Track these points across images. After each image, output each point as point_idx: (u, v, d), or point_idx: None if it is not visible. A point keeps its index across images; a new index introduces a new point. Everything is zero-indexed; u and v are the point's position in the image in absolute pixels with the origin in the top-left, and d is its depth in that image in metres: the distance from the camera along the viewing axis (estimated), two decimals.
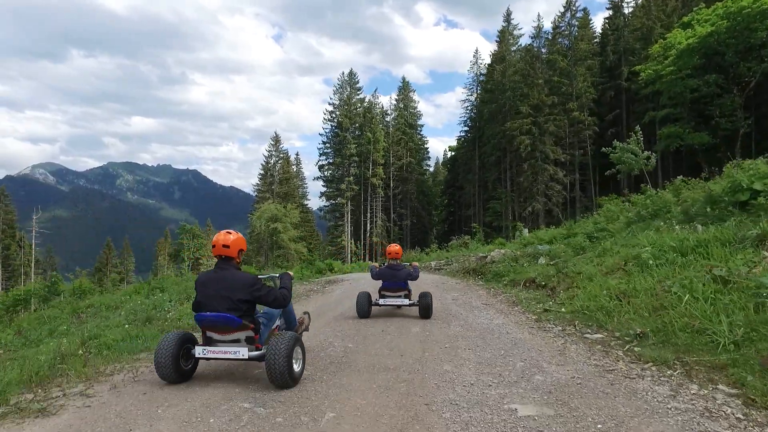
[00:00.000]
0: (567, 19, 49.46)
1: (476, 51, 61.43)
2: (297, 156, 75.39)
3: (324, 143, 60.62)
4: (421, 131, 68.99)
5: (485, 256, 14.19)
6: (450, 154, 75.17)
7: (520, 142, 45.22)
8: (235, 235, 4.19)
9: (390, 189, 61.91)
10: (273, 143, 66.21)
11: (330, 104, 60.58)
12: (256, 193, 65.40)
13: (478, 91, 59.49)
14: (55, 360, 4.66)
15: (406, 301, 7.49)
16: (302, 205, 64.70)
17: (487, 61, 58.76)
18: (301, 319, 5.16)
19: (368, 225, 58.95)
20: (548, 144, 45.38)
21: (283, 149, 66.75)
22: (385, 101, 73.79)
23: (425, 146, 69.11)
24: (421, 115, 68.98)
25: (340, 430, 3.02)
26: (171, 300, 8.43)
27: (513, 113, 47.61)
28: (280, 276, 4.77)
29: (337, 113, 59.05)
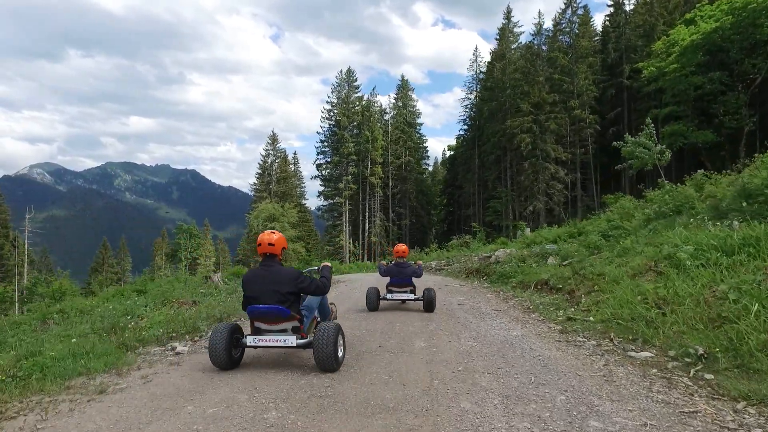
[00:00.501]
0: (568, 16, 48.87)
1: (476, 49, 60.79)
2: (295, 155, 75.13)
3: (322, 142, 59.83)
4: (420, 130, 68.33)
5: (489, 256, 13.51)
6: (449, 154, 74.59)
7: (521, 141, 44.58)
8: (278, 235, 4.61)
9: (389, 188, 61.21)
10: (270, 142, 65.53)
11: (328, 102, 59.91)
12: (253, 193, 64.73)
13: (478, 89, 58.83)
14: None
15: (412, 296, 8.21)
16: (300, 205, 64.02)
17: (486, 59, 58.23)
18: (332, 309, 5.58)
19: (367, 225, 58.26)
20: (549, 142, 44.74)
21: (281, 148, 66.11)
22: (384, 101, 73.00)
23: (424, 145, 68.28)
24: (420, 114, 68.28)
25: None
26: (147, 305, 7.74)
27: (513, 111, 46.96)
28: (319, 267, 5.17)
29: (335, 111, 58.26)
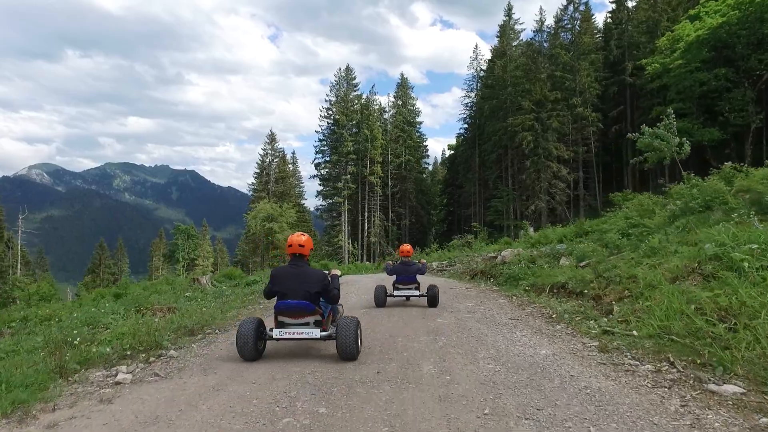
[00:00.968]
0: (570, 12, 48.21)
1: (476, 46, 60.19)
2: (293, 155, 74.29)
3: (320, 141, 59.19)
4: (420, 129, 67.67)
5: (495, 256, 12.80)
6: (449, 153, 73.93)
7: (523, 139, 43.88)
8: (307, 237, 4.98)
9: (388, 188, 60.51)
10: (268, 141, 64.73)
11: (326, 101, 59.23)
12: (251, 193, 63.98)
13: (478, 87, 58.13)
14: None
15: (417, 293, 8.68)
16: (299, 205, 63.28)
17: (487, 57, 57.59)
18: (340, 309, 5.87)
19: (366, 225, 57.55)
20: (551, 140, 44.03)
21: (279, 148, 65.30)
22: (383, 101, 72.16)
23: (424, 144, 67.63)
24: (419, 112, 67.67)
25: None
26: (118, 312, 6.95)
27: (514, 109, 46.27)
28: (329, 275, 5.32)
29: (334, 110, 57.56)
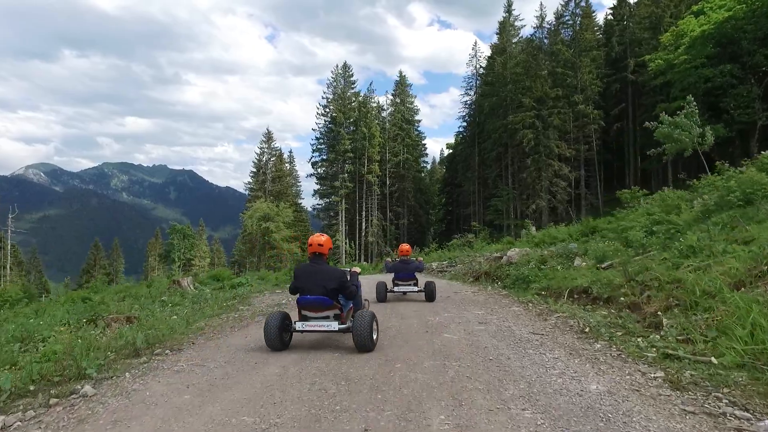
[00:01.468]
0: (571, 8, 47.46)
1: (475, 43, 59.14)
2: (290, 153, 73.26)
3: (317, 139, 58.19)
4: (419, 127, 66.77)
5: (500, 257, 11.93)
6: (447, 152, 73.11)
7: (523, 136, 43.06)
8: (326, 237, 5.33)
9: (386, 187, 59.65)
10: (265, 140, 63.86)
11: (324, 98, 58.34)
12: (248, 192, 63.12)
13: (478, 84, 57.31)
14: None
15: (415, 288, 9.19)
16: (296, 204, 62.40)
17: (486, 54, 56.80)
18: (365, 304, 6.15)
19: (363, 224, 56.68)
20: (552, 138, 43.22)
21: (276, 147, 64.43)
22: (381, 100, 71.18)
23: (423, 142, 66.71)
24: (417, 110, 66.78)
25: None
26: (67, 321, 6.02)
27: (515, 107, 45.47)
28: (349, 272, 5.71)
29: (331, 108, 56.63)
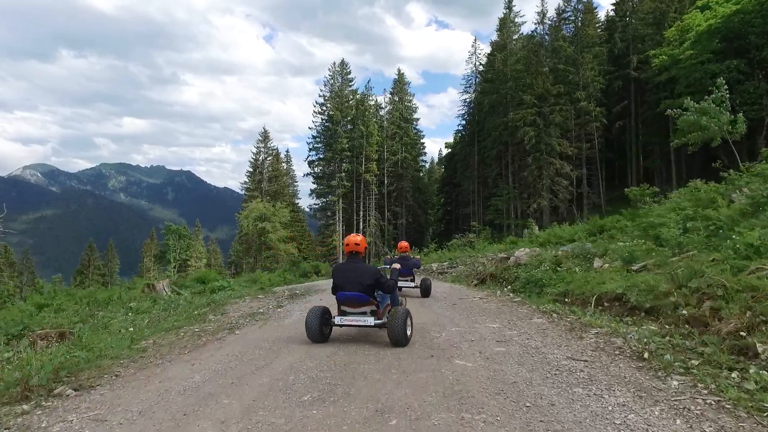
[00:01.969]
0: (573, 4, 46.52)
1: (474, 40, 58.13)
2: (287, 153, 72.23)
3: (314, 137, 57.08)
4: (417, 126, 65.81)
5: (507, 257, 10.96)
6: (446, 152, 72.15)
7: (524, 134, 42.13)
8: (361, 237, 5.98)
9: (384, 186, 58.66)
10: (261, 139, 62.86)
11: (320, 96, 57.33)
12: (244, 192, 62.13)
13: (477, 82, 56.36)
14: None
15: (412, 284, 9.54)
16: (293, 204, 61.43)
17: (486, 51, 55.87)
18: (402, 301, 6.60)
19: (361, 224, 55.69)
20: (554, 136, 42.28)
21: (273, 146, 63.41)
22: (379, 99, 70.19)
23: (421, 141, 65.68)
24: (416, 108, 65.86)
25: None
26: None
27: (515, 104, 44.55)
28: (390, 263, 6.82)
29: (328, 106, 55.60)
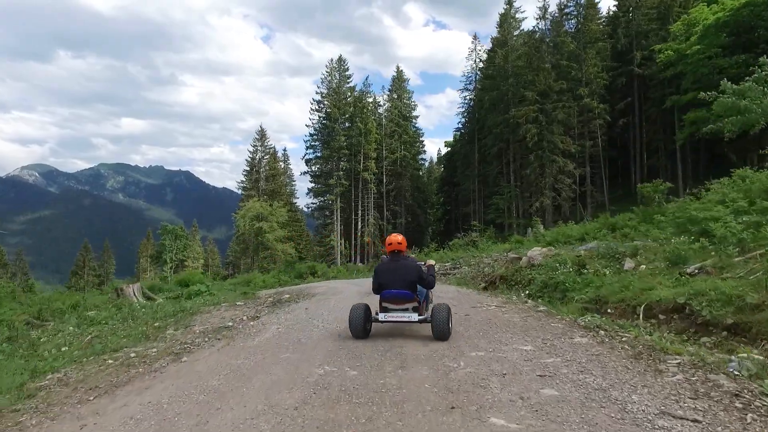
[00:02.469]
0: None
1: (475, 36, 57.28)
2: (284, 152, 71.53)
3: (311, 135, 56.05)
4: (416, 123, 64.89)
5: (518, 258, 9.98)
6: (446, 151, 71.26)
7: (527, 131, 41.19)
8: (402, 237, 6.27)
9: (383, 185, 57.70)
10: (258, 138, 61.89)
11: (318, 93, 56.29)
12: (241, 191, 61.15)
13: (477, 78, 55.42)
14: None
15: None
16: (290, 204, 60.49)
17: (487, 47, 54.96)
18: (430, 296, 6.74)
19: (359, 224, 54.74)
20: (557, 133, 41.36)
21: (270, 145, 62.45)
22: (378, 98, 69.17)
23: (420, 139, 64.70)
24: (415, 106, 64.90)
25: None
26: None
27: (516, 101, 43.64)
28: (425, 265, 6.41)
29: (326, 103, 54.57)
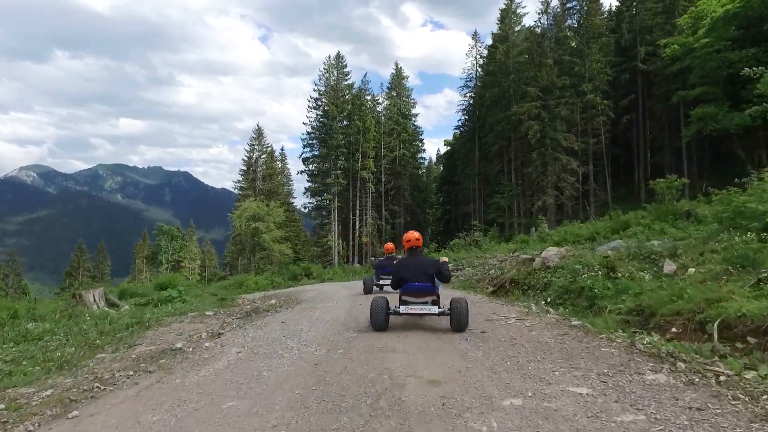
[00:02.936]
0: None
1: (475, 32, 56.22)
2: (282, 151, 70.35)
3: (308, 133, 54.93)
4: (415, 122, 63.84)
5: (531, 259, 8.95)
6: (445, 150, 70.26)
7: (529, 128, 40.16)
8: (418, 234, 6.79)
9: (381, 184, 56.67)
10: (255, 137, 60.91)
11: (315, 90, 55.24)
12: (238, 191, 60.16)
13: (478, 75, 54.39)
14: None
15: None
16: (288, 204, 59.50)
17: (487, 44, 53.96)
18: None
19: (357, 223, 53.70)
20: (560, 130, 40.34)
21: (267, 144, 61.45)
22: (376, 97, 68.05)
23: (420, 137, 63.61)
24: (414, 104, 63.83)
25: None
26: None
27: (518, 98, 42.62)
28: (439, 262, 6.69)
29: (323, 101, 53.52)
